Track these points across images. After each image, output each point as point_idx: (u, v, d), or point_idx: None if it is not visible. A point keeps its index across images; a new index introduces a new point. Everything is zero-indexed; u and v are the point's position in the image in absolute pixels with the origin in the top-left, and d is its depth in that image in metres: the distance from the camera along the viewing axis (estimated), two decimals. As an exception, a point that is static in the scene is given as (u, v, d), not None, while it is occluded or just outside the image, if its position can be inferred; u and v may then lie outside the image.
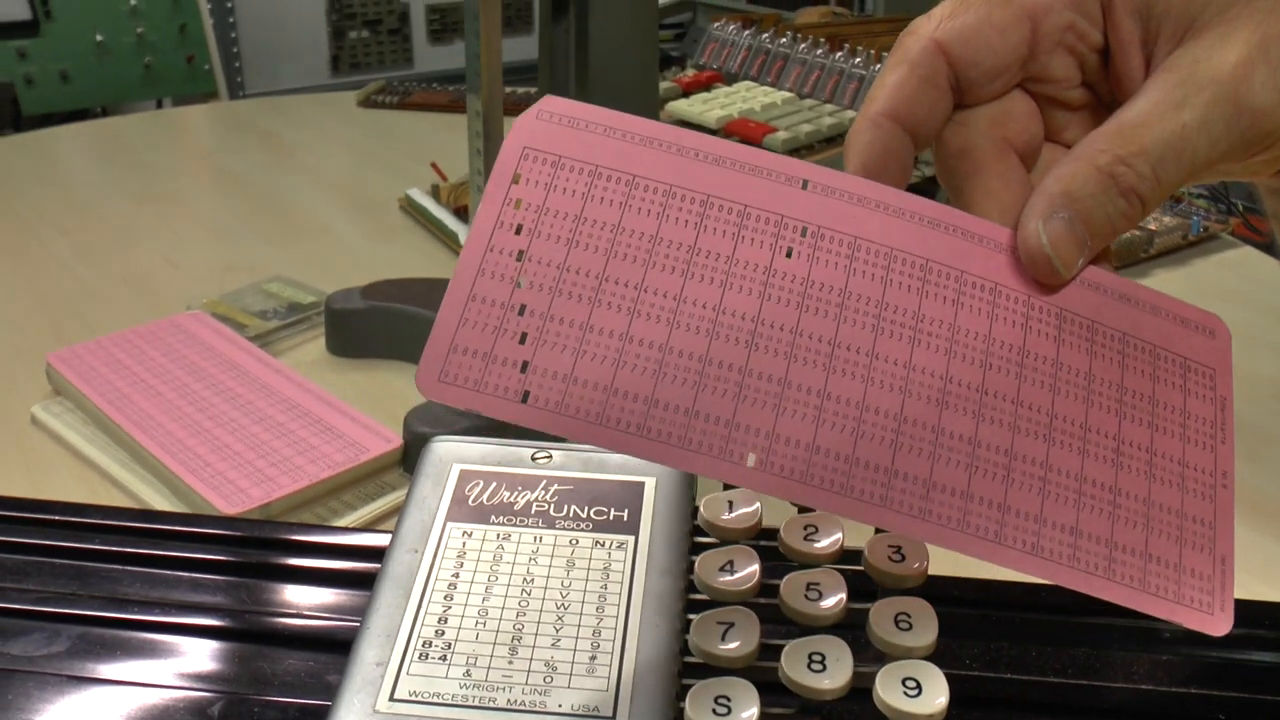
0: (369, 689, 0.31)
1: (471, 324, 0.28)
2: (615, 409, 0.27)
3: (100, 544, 0.46)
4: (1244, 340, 0.33)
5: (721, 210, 0.30)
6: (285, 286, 0.83)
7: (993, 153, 0.33)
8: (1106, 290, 0.32)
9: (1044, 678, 0.40)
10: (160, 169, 1.15)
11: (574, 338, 0.28)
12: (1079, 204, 0.30)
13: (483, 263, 0.29)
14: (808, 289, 0.30)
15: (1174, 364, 0.32)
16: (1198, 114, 0.30)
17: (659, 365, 0.28)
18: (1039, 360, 0.30)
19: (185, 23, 2.10)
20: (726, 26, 1.19)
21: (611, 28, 0.67)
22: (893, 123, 0.32)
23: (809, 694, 0.31)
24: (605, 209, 0.30)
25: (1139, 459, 0.30)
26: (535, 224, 0.29)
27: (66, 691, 0.39)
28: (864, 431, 0.28)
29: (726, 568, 0.35)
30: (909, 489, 0.28)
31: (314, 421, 0.63)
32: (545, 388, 0.28)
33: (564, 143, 0.30)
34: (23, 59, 1.98)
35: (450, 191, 0.97)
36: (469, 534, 0.37)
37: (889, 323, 0.30)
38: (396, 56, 2.86)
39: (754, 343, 0.29)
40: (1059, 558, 0.29)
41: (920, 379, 0.29)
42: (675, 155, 0.31)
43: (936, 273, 0.31)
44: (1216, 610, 0.30)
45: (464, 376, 0.28)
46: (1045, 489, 0.29)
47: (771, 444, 0.28)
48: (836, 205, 0.31)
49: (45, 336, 0.78)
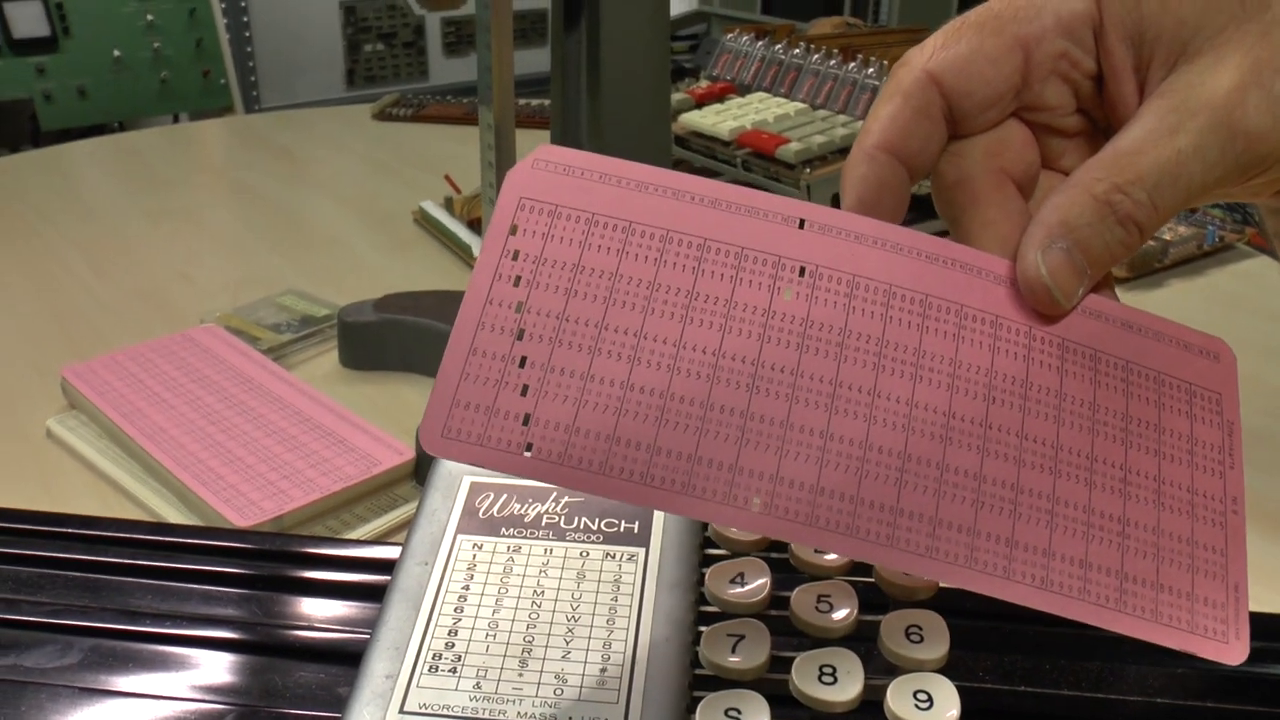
0: (379, 701, 0.31)
1: (473, 378, 0.28)
2: (618, 458, 0.28)
3: (113, 557, 0.46)
4: (1259, 350, 0.33)
5: (719, 253, 0.30)
6: (298, 300, 0.84)
7: (989, 183, 0.33)
8: (1108, 318, 0.32)
9: (1057, 690, 0.39)
10: (176, 183, 1.16)
11: (575, 388, 0.28)
12: (1077, 233, 0.30)
13: (482, 316, 0.29)
14: (807, 329, 0.30)
15: (1179, 390, 0.32)
16: (1192, 140, 0.30)
17: (661, 412, 0.28)
18: (1042, 392, 0.30)
19: (201, 37, 2.12)
20: (740, 38, 1.19)
21: (624, 39, 0.67)
22: (888, 155, 0.32)
23: (820, 706, 0.31)
24: (603, 256, 0.30)
25: (1147, 488, 0.30)
26: (534, 275, 0.29)
27: (79, 703, 0.39)
28: (868, 471, 0.28)
29: (737, 580, 0.35)
30: (915, 527, 0.28)
31: (326, 434, 0.63)
32: (548, 439, 0.28)
33: (560, 192, 0.31)
34: (41, 75, 1.99)
35: (464, 204, 0.97)
36: (479, 546, 0.37)
37: (890, 360, 0.30)
38: (412, 69, 2.87)
39: (755, 386, 0.29)
40: (1069, 591, 0.28)
41: (923, 415, 0.29)
42: (671, 199, 0.31)
43: (936, 307, 0.31)
44: (1231, 639, 0.29)
45: (467, 431, 0.28)
46: (1053, 522, 0.29)
47: (776, 487, 0.28)
48: (834, 243, 0.31)
49: (60, 350, 0.78)
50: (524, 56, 0.93)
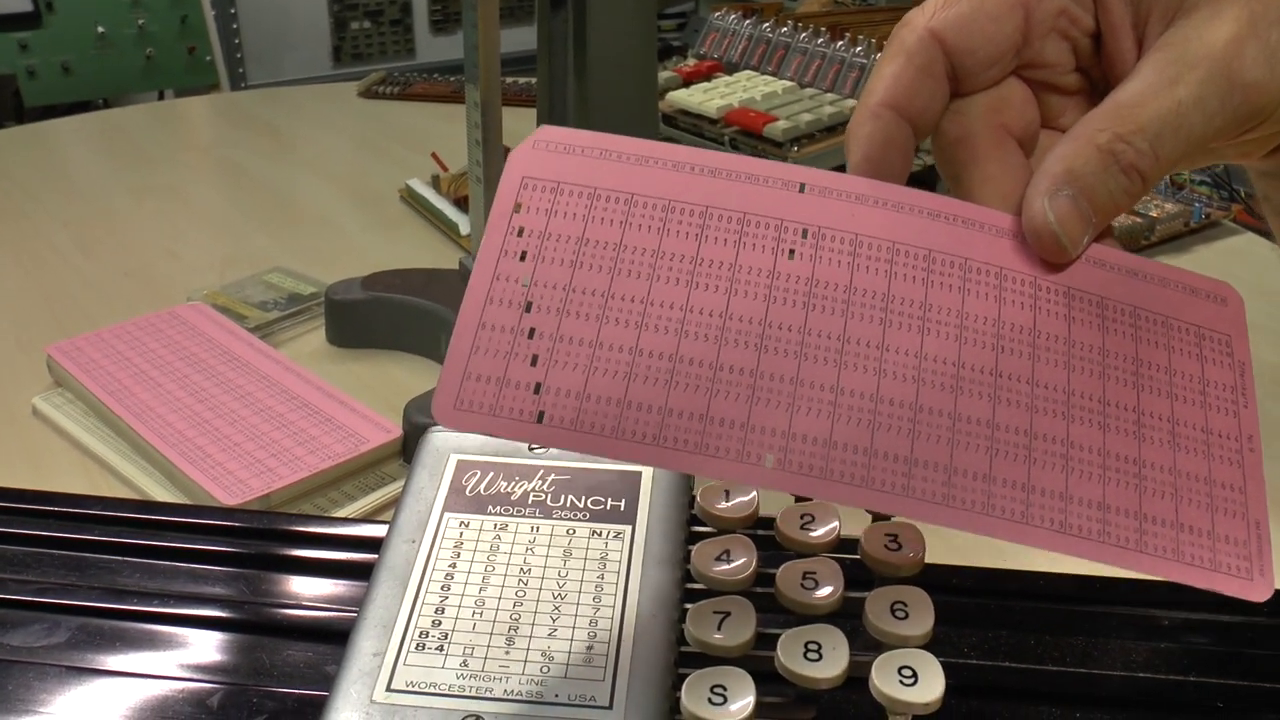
0: (366, 679, 0.31)
1: (483, 351, 0.29)
2: (630, 421, 0.28)
3: (100, 535, 0.46)
4: (1254, 329, 0.33)
5: (721, 219, 0.31)
6: (285, 277, 0.83)
7: (991, 139, 0.33)
8: (1113, 266, 0.32)
9: (1041, 666, 0.40)
10: (161, 161, 1.15)
11: (584, 355, 0.29)
12: (1082, 181, 0.31)
13: (490, 290, 0.29)
14: (813, 288, 0.30)
15: (1188, 333, 0.32)
16: (1192, 90, 0.30)
17: (670, 375, 0.28)
18: (1051, 339, 0.30)
19: (186, 14, 2.10)
20: (727, 16, 1.18)
21: (610, 17, 0.67)
22: (893, 113, 0.32)
23: (805, 683, 0.31)
24: (606, 229, 0.30)
25: (1161, 429, 0.30)
26: (539, 249, 0.30)
27: (66, 682, 0.39)
28: (880, 423, 0.28)
29: (723, 557, 0.35)
30: (930, 476, 0.28)
31: (314, 412, 0.63)
32: (560, 406, 0.28)
33: (561, 169, 0.31)
34: (24, 51, 1.98)
35: (451, 182, 0.97)
36: (466, 524, 0.37)
37: (897, 314, 0.30)
38: (399, 47, 2.85)
39: (763, 345, 0.29)
40: (1088, 534, 0.28)
41: (933, 367, 0.29)
42: (671, 171, 0.31)
43: (940, 262, 0.31)
44: (1255, 575, 0.29)
45: (479, 402, 0.28)
46: (1068, 466, 0.29)
47: (788, 443, 0.28)
48: (835, 205, 0.31)
49: (46, 328, 0.78)
50: (511, 34, 0.93)
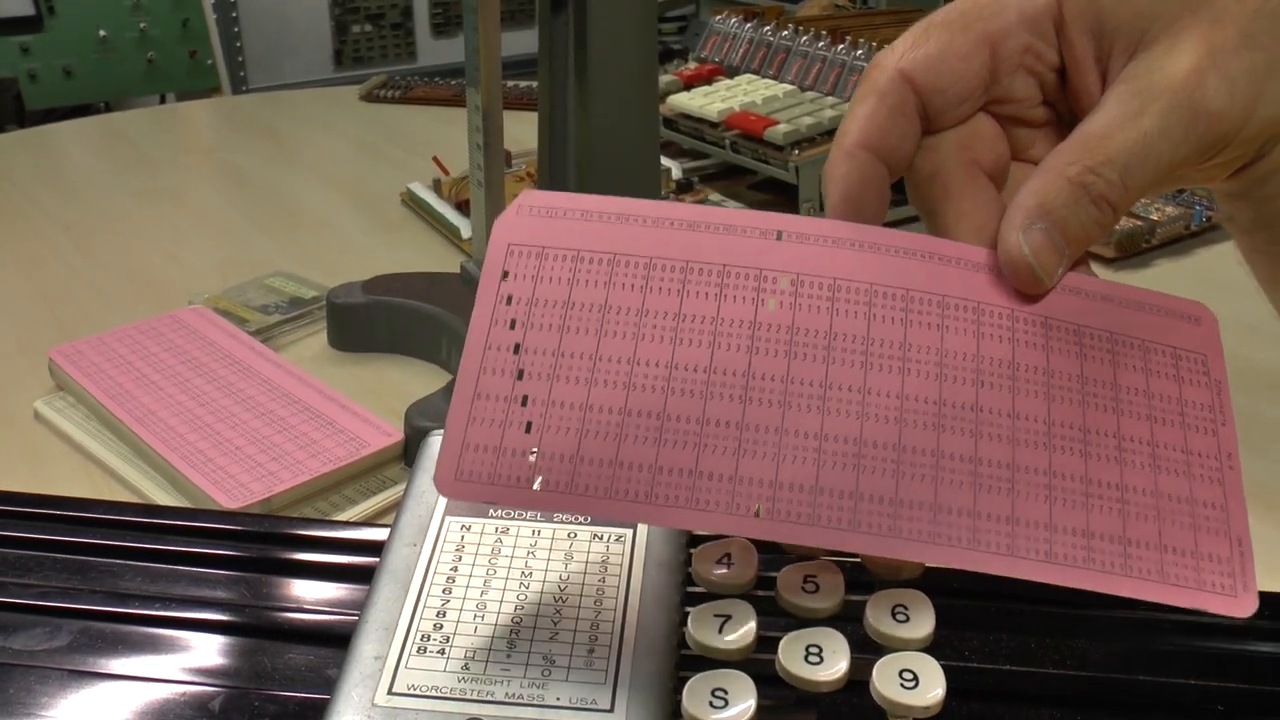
0: (368, 682, 0.32)
1: (479, 421, 0.29)
2: (623, 481, 0.29)
3: (102, 538, 0.46)
4: (1245, 329, 0.33)
5: (701, 273, 0.31)
6: (287, 281, 0.83)
7: (963, 175, 0.34)
8: (1087, 293, 0.32)
9: (1042, 669, 0.40)
10: (162, 164, 1.15)
11: (576, 419, 0.29)
12: (1054, 214, 0.31)
13: (483, 361, 0.30)
14: (794, 336, 0.30)
15: (1165, 355, 0.32)
16: (1156, 121, 0.31)
17: (659, 433, 0.29)
18: (1030, 371, 0.31)
19: (188, 18, 2.10)
20: (728, 19, 1.18)
21: (611, 21, 0.67)
22: (867, 153, 0.33)
23: (806, 686, 0.31)
24: (591, 290, 0.31)
25: (1142, 453, 0.31)
26: (528, 316, 0.31)
27: (68, 686, 0.39)
28: (865, 466, 0.29)
29: (723, 560, 0.35)
30: (916, 516, 0.29)
31: (315, 416, 0.63)
32: (555, 471, 0.29)
33: (545, 233, 0.32)
34: (26, 54, 1.98)
35: (452, 186, 0.97)
36: (467, 528, 0.37)
37: (877, 356, 0.30)
38: (399, 50, 2.86)
39: (748, 396, 0.30)
40: (1074, 561, 0.29)
41: (914, 406, 0.30)
42: (652, 227, 0.32)
43: (918, 300, 0.31)
44: (1240, 591, 0.30)
45: (478, 472, 0.29)
46: (1051, 495, 0.29)
47: (775, 492, 0.29)
48: (812, 251, 0.32)
49: (47, 331, 0.78)
50: (512, 38, 0.93)
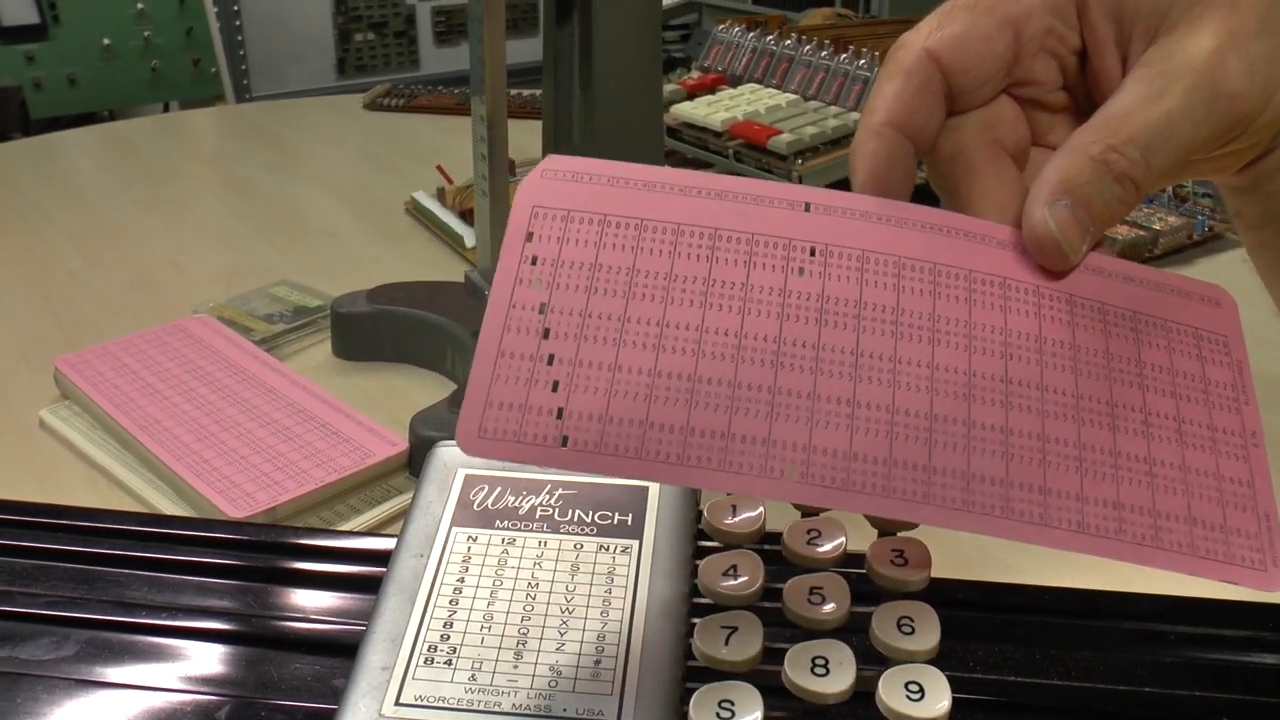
0: (375, 693, 0.32)
1: (504, 379, 0.29)
2: (653, 442, 0.28)
3: (108, 548, 0.47)
4: (1251, 340, 0.34)
5: (730, 241, 0.31)
6: (291, 290, 0.84)
7: (986, 155, 0.35)
8: (1110, 273, 0.33)
9: (1047, 680, 0.40)
10: (166, 173, 1.16)
11: (604, 379, 0.29)
12: (1078, 191, 0.32)
13: (507, 319, 0.30)
14: (824, 305, 0.30)
15: (1186, 335, 0.33)
16: (1179, 101, 0.31)
17: (690, 394, 0.29)
18: (1057, 345, 0.31)
19: (192, 26, 2.11)
20: (731, 29, 1.19)
21: (616, 30, 0.67)
22: (895, 131, 0.33)
23: (812, 698, 0.31)
24: (619, 254, 0.31)
25: (1168, 428, 0.31)
26: (553, 276, 0.30)
27: (74, 695, 0.39)
28: (897, 433, 0.29)
29: (730, 572, 0.35)
30: (949, 483, 0.29)
31: (320, 425, 0.63)
32: (582, 430, 0.28)
33: (571, 197, 0.31)
34: (30, 63, 1.98)
35: (456, 194, 0.97)
36: (474, 539, 0.37)
37: (907, 327, 0.30)
38: (402, 59, 2.86)
39: (779, 361, 0.29)
40: (1106, 533, 0.29)
41: (945, 376, 0.30)
42: (678, 195, 0.32)
43: (946, 274, 0.31)
44: (1270, 566, 0.30)
45: (502, 430, 0.28)
46: (1082, 467, 0.30)
47: (810, 456, 0.28)
48: (840, 223, 0.32)
49: (53, 341, 0.78)
50: (516, 46, 0.93)
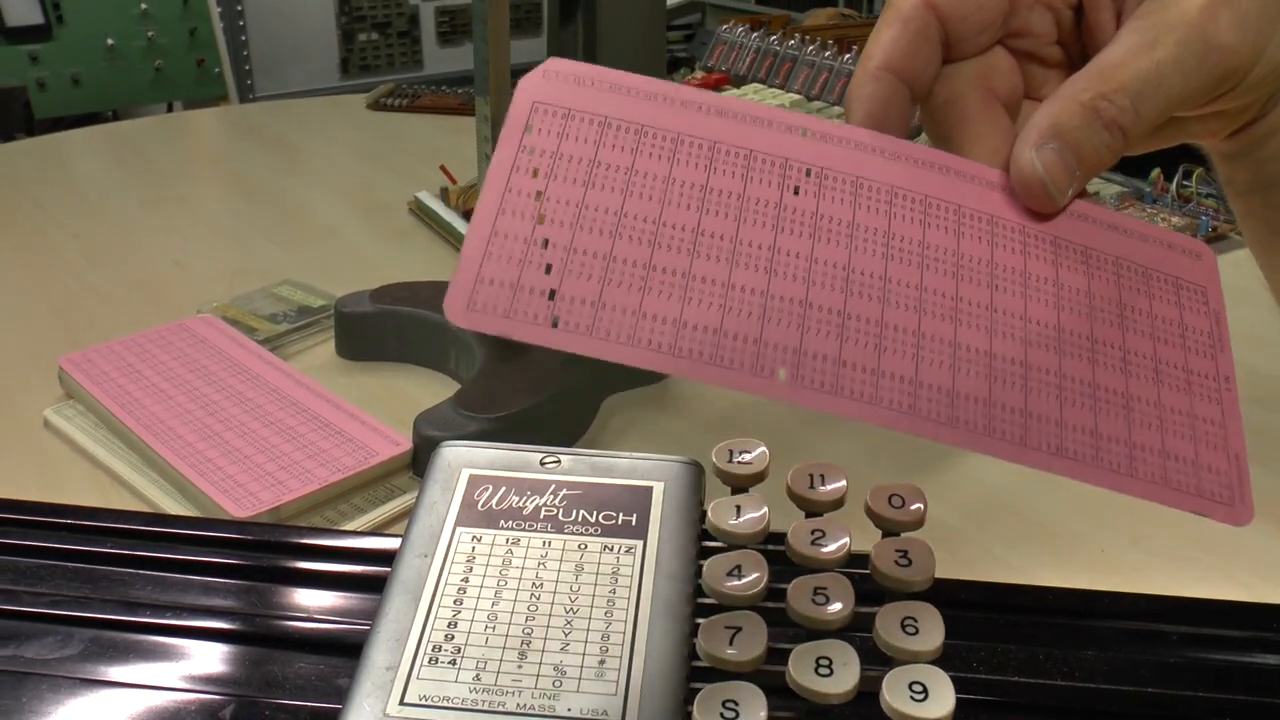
0: (379, 693, 0.32)
1: (496, 257, 0.29)
2: (646, 331, 0.28)
3: (112, 547, 0.47)
4: (1253, 341, 0.34)
5: (729, 154, 0.32)
6: (295, 290, 0.84)
7: (980, 101, 0.35)
8: (1095, 220, 0.34)
9: (1051, 681, 0.40)
10: (170, 172, 1.16)
11: (599, 267, 0.29)
12: (1067, 135, 0.32)
13: (502, 203, 0.30)
14: (818, 221, 0.31)
15: (1166, 283, 0.34)
16: (1170, 52, 0.32)
17: (684, 290, 0.29)
18: (1041, 280, 0.32)
19: (195, 26, 2.11)
20: (735, 28, 1.19)
21: (620, 30, 0.67)
22: (891, 74, 0.34)
23: (816, 698, 0.31)
24: (618, 154, 0.31)
25: (1145, 367, 0.32)
26: (551, 168, 0.30)
27: (79, 694, 0.39)
28: (885, 346, 0.30)
29: (734, 572, 0.35)
30: (935, 398, 0.29)
31: (323, 425, 0.63)
32: (574, 313, 0.28)
33: (572, 97, 0.32)
34: (35, 63, 1.99)
35: (459, 194, 0.97)
36: (478, 538, 0.37)
37: (897, 250, 0.31)
38: (406, 59, 2.86)
39: (773, 269, 0.30)
40: (1082, 458, 0.30)
41: (933, 299, 0.31)
42: (679, 107, 0.32)
43: (936, 206, 0.32)
44: (1236, 502, 0.31)
45: (492, 305, 0.28)
46: (1062, 395, 0.30)
47: (800, 359, 0.29)
48: (836, 150, 0.33)
49: (57, 340, 0.78)
50: (520, 46, 0.93)
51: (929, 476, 0.62)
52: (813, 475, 0.39)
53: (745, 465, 0.39)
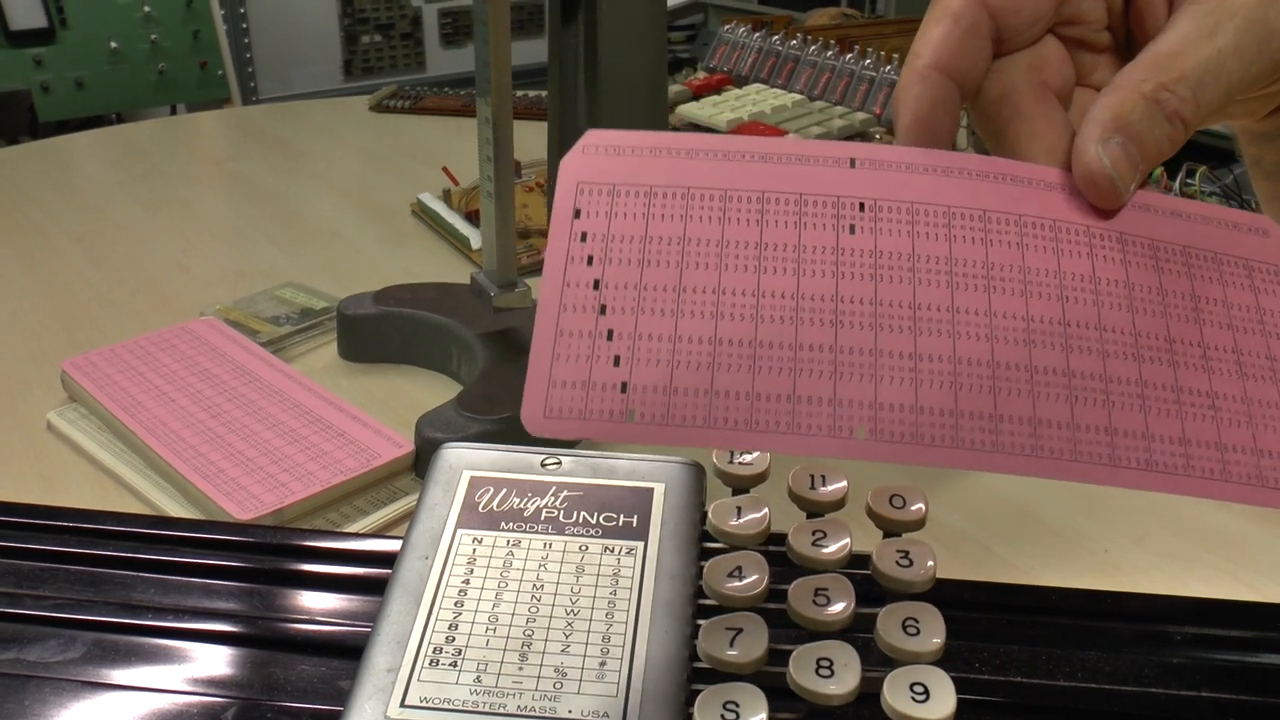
0: (380, 695, 0.32)
1: (564, 357, 0.29)
2: (720, 409, 0.28)
3: (114, 550, 0.47)
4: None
5: (779, 203, 0.31)
6: (297, 292, 0.84)
7: (1033, 96, 0.34)
8: (1157, 210, 0.33)
9: (1052, 681, 0.40)
10: (173, 175, 1.16)
11: (665, 350, 0.29)
12: (1131, 128, 0.32)
13: (563, 298, 0.29)
14: (878, 260, 0.30)
15: (1237, 266, 0.33)
16: (1230, 39, 0.31)
17: (753, 360, 0.29)
18: (1111, 284, 0.31)
19: (198, 29, 2.11)
20: (737, 29, 1.19)
21: (621, 31, 0.67)
22: (940, 74, 0.33)
23: (817, 699, 0.31)
24: (668, 224, 0.31)
25: (1227, 360, 0.31)
26: (605, 252, 0.30)
27: (82, 697, 0.39)
28: (961, 384, 0.29)
29: (735, 573, 0.35)
30: (1017, 430, 0.28)
31: (326, 427, 0.63)
32: (649, 403, 0.28)
33: (614, 170, 0.31)
34: (39, 66, 1.99)
35: (462, 196, 0.97)
36: (479, 540, 0.37)
37: (962, 276, 0.30)
38: (409, 61, 2.87)
39: (839, 320, 0.29)
40: (1174, 469, 0.29)
41: (1004, 324, 0.30)
42: (722, 161, 0.32)
43: (996, 220, 0.32)
44: None
45: (568, 408, 0.28)
46: (1145, 405, 0.29)
47: (877, 413, 0.28)
48: (887, 176, 0.32)
49: (60, 343, 0.79)
50: (521, 48, 0.93)
51: (930, 477, 0.62)
52: (813, 476, 0.39)
53: (746, 466, 0.39)
